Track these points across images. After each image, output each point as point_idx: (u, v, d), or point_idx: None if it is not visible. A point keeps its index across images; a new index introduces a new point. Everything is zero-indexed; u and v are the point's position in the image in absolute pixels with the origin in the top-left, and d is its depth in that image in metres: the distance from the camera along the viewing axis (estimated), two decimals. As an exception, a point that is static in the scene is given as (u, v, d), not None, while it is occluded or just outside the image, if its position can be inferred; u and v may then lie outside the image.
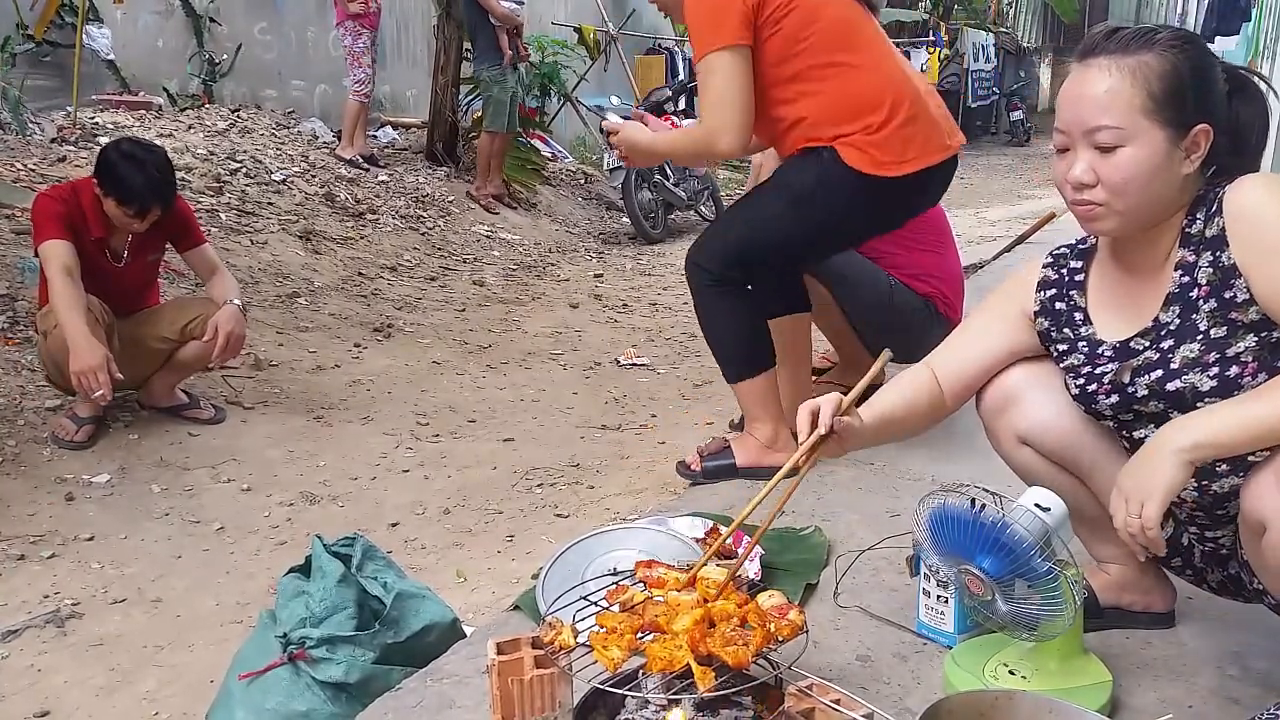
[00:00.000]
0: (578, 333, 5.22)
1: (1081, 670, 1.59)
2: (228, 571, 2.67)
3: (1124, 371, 1.51)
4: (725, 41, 2.29)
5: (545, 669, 1.40)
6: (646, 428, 3.76)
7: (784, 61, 2.36)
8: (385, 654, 1.82)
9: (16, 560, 2.63)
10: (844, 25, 2.39)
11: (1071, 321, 1.61)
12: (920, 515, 1.58)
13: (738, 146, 2.36)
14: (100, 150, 3.35)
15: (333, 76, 8.27)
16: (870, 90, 2.36)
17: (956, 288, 3.20)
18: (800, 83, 2.37)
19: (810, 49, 2.35)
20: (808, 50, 2.34)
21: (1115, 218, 1.45)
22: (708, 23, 2.31)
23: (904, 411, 1.67)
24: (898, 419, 1.67)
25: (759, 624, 1.37)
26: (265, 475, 3.24)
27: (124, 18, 7.23)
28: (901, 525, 2.18)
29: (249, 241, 5.50)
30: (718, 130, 2.33)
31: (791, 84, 2.37)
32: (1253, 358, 1.40)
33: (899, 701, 1.62)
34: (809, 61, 2.35)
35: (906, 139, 2.35)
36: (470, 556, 2.75)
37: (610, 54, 10.62)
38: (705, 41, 2.31)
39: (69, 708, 2.12)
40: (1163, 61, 1.40)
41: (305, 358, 4.37)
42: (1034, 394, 1.66)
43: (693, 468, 2.70)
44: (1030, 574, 1.47)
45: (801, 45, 2.34)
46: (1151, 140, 1.40)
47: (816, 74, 2.36)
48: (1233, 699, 1.62)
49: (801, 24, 2.33)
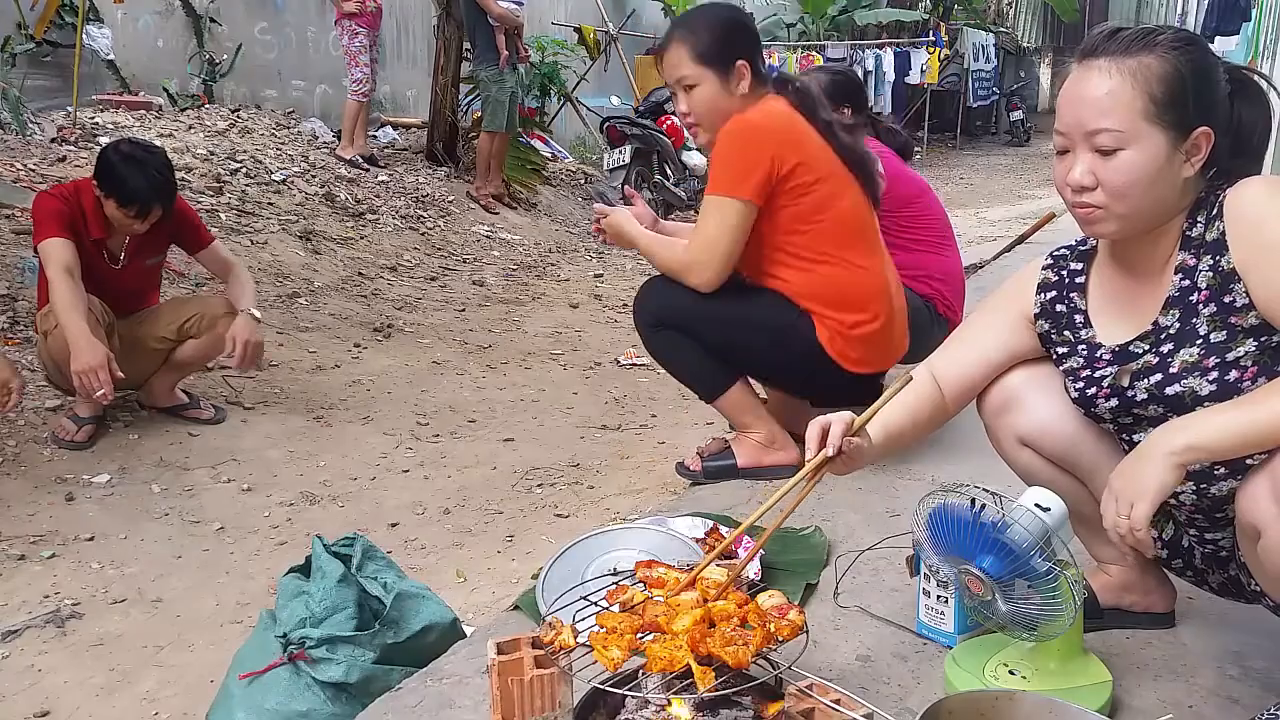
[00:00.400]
0: (578, 333, 5.22)
1: (1081, 670, 1.58)
2: (227, 571, 2.67)
3: (1123, 375, 1.51)
4: (740, 195, 2.37)
5: (545, 669, 1.40)
6: (646, 428, 3.76)
7: (790, 233, 2.43)
8: (385, 654, 1.82)
9: (16, 560, 2.63)
10: (854, 223, 2.47)
11: (1072, 324, 1.61)
12: (920, 515, 1.58)
13: (709, 287, 2.44)
14: (100, 151, 3.35)
15: (333, 76, 8.27)
16: (858, 292, 2.46)
17: (957, 288, 3.21)
18: (798, 257, 2.45)
19: (817, 233, 2.43)
20: (815, 233, 2.43)
21: (1115, 221, 1.45)
22: (733, 170, 2.39)
23: (909, 425, 1.67)
24: (905, 433, 1.67)
25: (759, 624, 1.37)
26: (265, 475, 3.24)
27: (124, 18, 7.24)
28: (901, 525, 2.18)
29: (249, 241, 5.50)
30: (697, 267, 2.42)
31: (790, 253, 2.46)
32: (1252, 362, 1.40)
33: (899, 701, 1.62)
34: (813, 243, 2.43)
35: (871, 345, 2.44)
36: (470, 556, 2.75)
37: (610, 54, 10.63)
38: (722, 184, 2.39)
39: (69, 708, 2.12)
40: (1164, 64, 1.39)
41: (305, 358, 4.37)
42: (1035, 396, 1.66)
43: (692, 469, 2.71)
44: (1030, 574, 1.47)
45: (810, 226, 2.42)
46: (1152, 144, 1.39)
47: (816, 256, 2.44)
48: (1233, 699, 1.62)
49: (816, 207, 2.41)
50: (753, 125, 2.37)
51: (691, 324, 2.49)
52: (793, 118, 2.43)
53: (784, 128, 2.40)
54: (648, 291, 2.57)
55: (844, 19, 15.05)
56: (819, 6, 14.60)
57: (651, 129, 8.66)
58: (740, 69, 2.42)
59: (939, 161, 14.95)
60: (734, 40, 2.44)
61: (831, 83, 3.13)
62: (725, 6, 2.58)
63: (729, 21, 2.47)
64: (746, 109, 2.42)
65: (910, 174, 3.24)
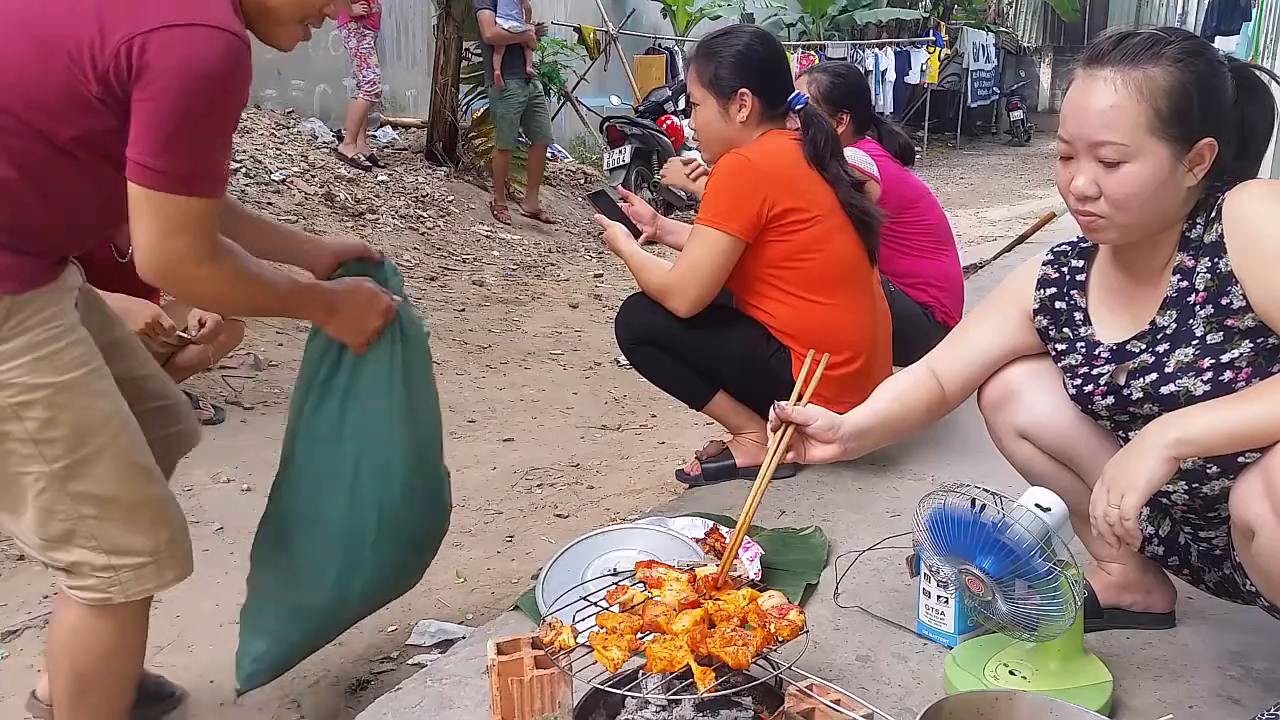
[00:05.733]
0: (578, 333, 5.22)
1: (1081, 670, 1.59)
2: (227, 572, 2.66)
3: (1120, 373, 1.52)
4: (728, 229, 2.40)
5: (545, 669, 1.40)
6: (646, 428, 3.76)
7: (778, 268, 2.45)
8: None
9: (16, 560, 2.63)
10: (843, 265, 2.49)
11: (1071, 321, 1.61)
12: (920, 515, 1.58)
13: (686, 313, 2.46)
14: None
15: (332, 76, 8.27)
16: (840, 333, 2.47)
17: (955, 293, 3.20)
18: (785, 292, 2.47)
19: (805, 272, 2.44)
20: (803, 270, 2.45)
21: (1117, 230, 1.45)
22: (724, 204, 2.41)
23: (899, 410, 1.69)
24: (893, 418, 1.68)
25: (759, 624, 1.37)
26: (265, 475, 3.19)
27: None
28: (901, 525, 2.18)
29: (249, 241, 5.49)
30: (677, 292, 2.45)
31: (776, 286, 2.47)
32: (1247, 363, 1.40)
33: (899, 701, 1.62)
34: (800, 280, 2.45)
35: (845, 386, 2.43)
36: (470, 557, 2.75)
37: (610, 54, 10.64)
38: (712, 216, 2.41)
39: (69, 708, 2.12)
40: (1169, 77, 1.38)
41: (305, 358, 4.36)
42: (1033, 390, 1.67)
43: (691, 474, 2.71)
44: (1030, 574, 1.48)
45: (799, 264, 2.44)
46: (1155, 157, 1.39)
47: (802, 293, 2.46)
48: (1233, 699, 1.62)
49: (806, 246, 2.43)
50: (750, 164, 2.39)
51: (669, 344, 2.52)
52: (794, 160, 2.44)
53: (780, 170, 2.42)
54: (629, 309, 2.61)
55: (844, 18, 15.06)
56: (819, 6, 14.61)
57: (651, 129, 8.67)
58: (741, 97, 2.43)
59: (939, 161, 14.96)
60: (743, 70, 2.45)
61: (832, 85, 3.11)
62: (752, 33, 2.60)
63: (743, 51, 2.47)
64: (750, 141, 2.45)
65: (909, 178, 3.23)
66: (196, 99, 1.32)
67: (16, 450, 1.40)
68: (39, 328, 1.40)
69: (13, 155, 1.35)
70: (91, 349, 1.48)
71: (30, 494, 1.43)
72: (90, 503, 1.45)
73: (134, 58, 1.30)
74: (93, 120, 1.34)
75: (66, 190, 1.42)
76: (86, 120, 1.34)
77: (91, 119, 1.34)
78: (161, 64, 1.30)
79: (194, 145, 1.36)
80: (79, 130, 1.35)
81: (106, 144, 1.36)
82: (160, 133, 1.33)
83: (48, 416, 1.39)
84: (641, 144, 8.47)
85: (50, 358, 1.40)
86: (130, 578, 1.50)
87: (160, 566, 1.52)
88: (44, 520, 1.45)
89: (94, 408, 1.45)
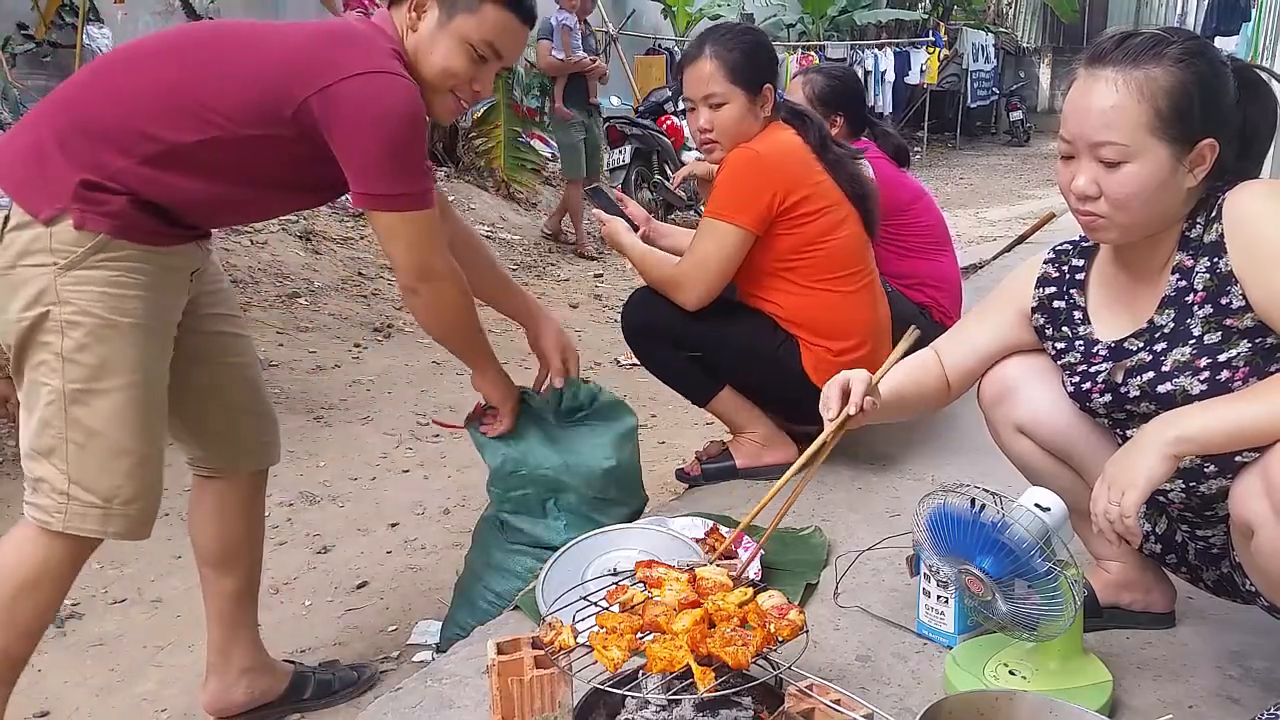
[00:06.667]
0: (578, 333, 5.22)
1: (1081, 670, 1.59)
2: (228, 571, 2.66)
3: (1117, 371, 1.52)
4: (739, 221, 2.40)
5: (545, 669, 1.40)
6: (646, 428, 3.75)
7: (787, 260, 2.46)
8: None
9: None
10: (850, 253, 2.50)
11: (1070, 319, 1.62)
12: (920, 515, 1.58)
13: (694, 306, 2.46)
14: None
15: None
16: (846, 319, 2.48)
17: (953, 294, 3.20)
18: (792, 282, 2.48)
19: (815, 261, 2.46)
20: (812, 260, 2.46)
21: (1117, 229, 1.46)
22: (735, 197, 2.41)
23: (913, 390, 1.71)
24: (907, 397, 1.70)
25: (759, 624, 1.37)
26: (265, 475, 3.23)
27: (124, 18, 7.23)
28: (901, 525, 2.18)
29: (249, 241, 5.50)
30: (687, 285, 2.45)
31: (785, 278, 2.48)
32: (1244, 363, 1.41)
33: (899, 701, 1.62)
34: (809, 270, 2.46)
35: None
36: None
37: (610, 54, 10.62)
38: (722, 208, 2.41)
39: (69, 708, 2.12)
40: (1170, 77, 1.38)
41: (305, 358, 4.37)
42: (1031, 385, 1.68)
43: (691, 474, 2.71)
44: (1030, 574, 1.48)
45: (808, 255, 2.45)
46: (1156, 157, 1.39)
47: (810, 283, 2.47)
48: (1233, 699, 1.62)
49: (815, 237, 2.44)
50: (760, 157, 2.40)
51: (676, 337, 2.52)
52: (800, 151, 2.45)
53: (791, 161, 2.43)
54: (635, 303, 2.60)
55: (844, 19, 15.04)
56: (819, 6, 14.60)
57: (651, 129, 8.66)
58: (766, 92, 2.44)
59: (938, 162, 14.96)
60: (763, 63, 2.47)
61: (827, 87, 3.11)
62: (753, 29, 2.62)
63: (760, 44, 2.50)
64: (756, 135, 2.45)
65: (905, 180, 3.22)
66: (399, 131, 1.62)
67: (49, 361, 1.56)
68: (121, 272, 1.57)
69: (203, 130, 1.58)
70: (159, 314, 1.64)
71: (41, 402, 1.57)
72: (81, 430, 1.57)
73: (327, 102, 1.58)
74: (278, 130, 1.61)
75: (226, 178, 1.63)
76: (273, 129, 1.61)
77: (277, 128, 1.61)
78: (357, 104, 1.59)
79: (407, 168, 1.67)
80: (262, 132, 1.61)
81: (279, 156, 1.64)
82: (385, 166, 1.63)
83: (84, 342, 1.55)
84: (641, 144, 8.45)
85: (114, 298, 1.57)
86: (77, 512, 1.59)
87: (108, 515, 1.61)
88: (39, 429, 1.58)
89: (126, 354, 1.58)
